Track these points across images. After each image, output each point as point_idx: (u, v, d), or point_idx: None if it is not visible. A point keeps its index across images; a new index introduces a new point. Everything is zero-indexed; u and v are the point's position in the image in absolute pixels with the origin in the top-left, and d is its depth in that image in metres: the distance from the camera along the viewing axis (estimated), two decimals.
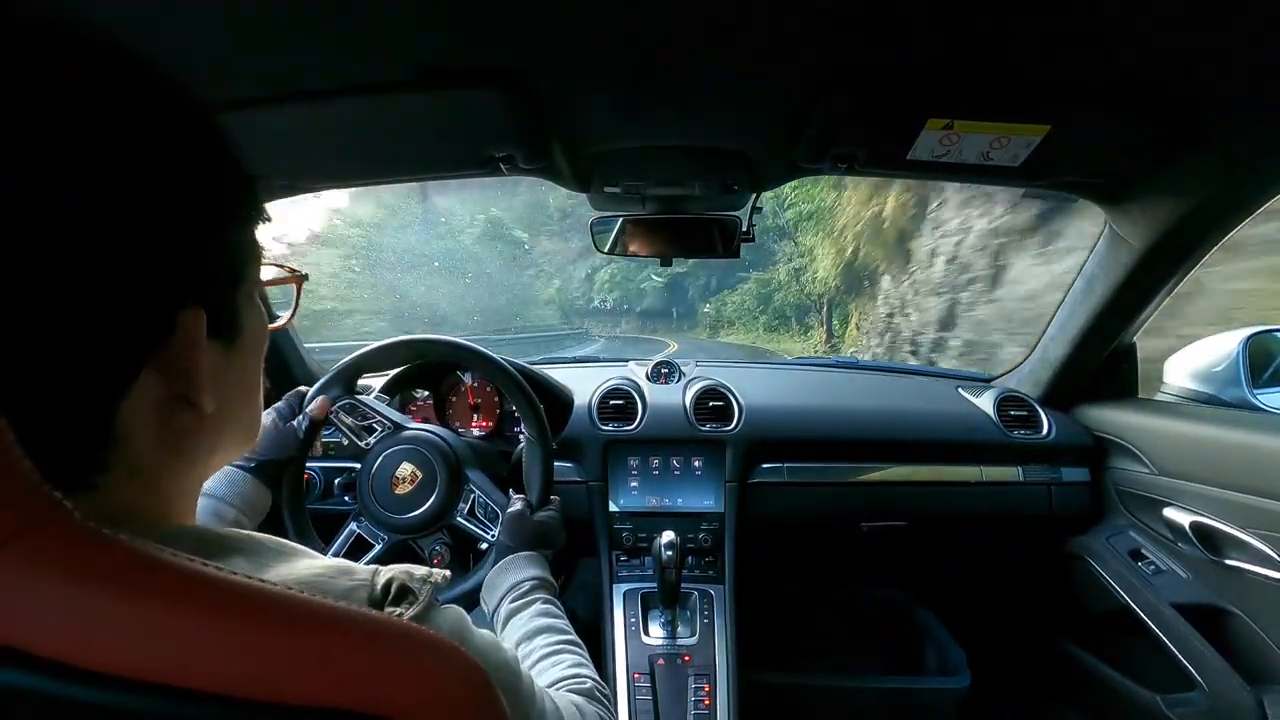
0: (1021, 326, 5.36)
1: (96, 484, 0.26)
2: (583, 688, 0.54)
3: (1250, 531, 0.95)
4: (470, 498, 0.89)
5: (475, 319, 15.93)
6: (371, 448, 0.91)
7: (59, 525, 0.20)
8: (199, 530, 0.31)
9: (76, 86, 0.24)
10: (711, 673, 1.04)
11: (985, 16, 0.60)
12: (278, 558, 0.31)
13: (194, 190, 0.28)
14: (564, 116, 0.82)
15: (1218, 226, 0.97)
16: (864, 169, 0.91)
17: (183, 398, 0.29)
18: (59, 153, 0.23)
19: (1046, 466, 1.26)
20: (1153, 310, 1.16)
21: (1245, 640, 1.00)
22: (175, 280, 0.27)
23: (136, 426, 0.27)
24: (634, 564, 1.21)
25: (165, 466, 0.30)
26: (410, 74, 0.71)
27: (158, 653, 0.21)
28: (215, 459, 0.34)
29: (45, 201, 0.22)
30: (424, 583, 0.33)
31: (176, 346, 0.28)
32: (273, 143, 0.87)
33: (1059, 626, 1.34)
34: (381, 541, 0.88)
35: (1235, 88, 0.70)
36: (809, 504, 1.26)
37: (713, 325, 25.36)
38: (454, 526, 0.88)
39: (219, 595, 0.23)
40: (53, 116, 0.23)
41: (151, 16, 0.58)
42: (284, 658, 0.23)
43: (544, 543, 0.80)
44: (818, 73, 0.71)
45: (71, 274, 0.23)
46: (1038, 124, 0.77)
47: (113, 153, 0.24)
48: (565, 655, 0.60)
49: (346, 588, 0.30)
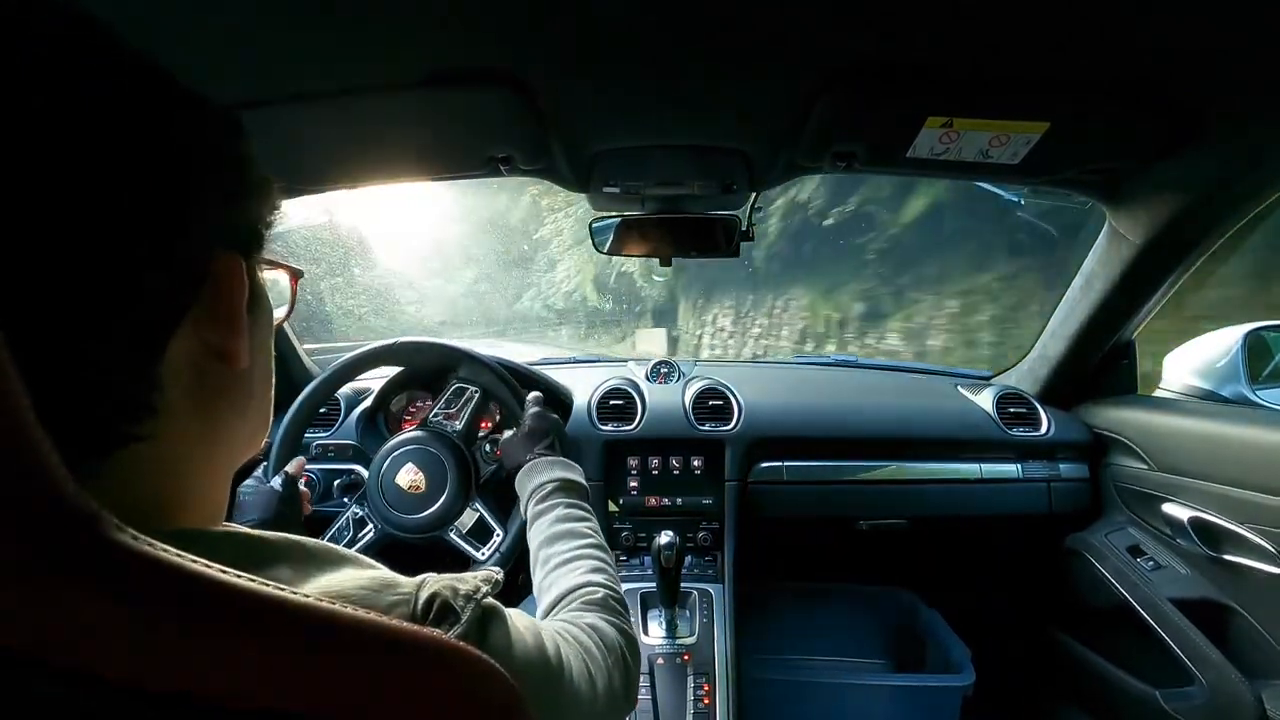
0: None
1: (145, 436, 0.26)
2: (595, 597, 0.53)
3: (1249, 527, 0.95)
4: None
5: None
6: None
7: (90, 535, 0.20)
8: (242, 535, 0.30)
9: (95, 71, 0.25)
10: (711, 672, 1.04)
11: (984, 14, 0.60)
12: (322, 566, 0.30)
13: (232, 139, 0.30)
14: (563, 117, 0.82)
15: (1217, 223, 0.97)
16: (864, 167, 0.91)
17: (216, 351, 0.29)
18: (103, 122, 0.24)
19: (1045, 463, 1.26)
20: (1152, 307, 1.16)
21: (1244, 635, 1.00)
22: (215, 223, 0.29)
23: (172, 381, 0.27)
24: (633, 564, 1.21)
25: (198, 436, 0.30)
26: (409, 75, 0.71)
27: (183, 668, 0.21)
28: (242, 433, 0.34)
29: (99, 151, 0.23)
30: (469, 600, 0.32)
31: (217, 290, 0.28)
32: (271, 144, 0.87)
33: (1058, 623, 1.34)
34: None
35: (1234, 85, 0.70)
36: (808, 502, 1.26)
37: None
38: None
39: (255, 612, 0.22)
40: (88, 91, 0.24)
41: (154, 17, 0.58)
42: (312, 678, 0.23)
43: (540, 437, 0.80)
44: (817, 72, 0.71)
45: (120, 213, 0.24)
46: (1037, 121, 0.77)
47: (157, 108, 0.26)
48: (581, 561, 0.59)
49: (389, 603, 0.29)
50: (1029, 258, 4.19)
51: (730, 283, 7.59)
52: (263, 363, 0.35)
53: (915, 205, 5.18)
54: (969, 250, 4.78)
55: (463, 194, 8.32)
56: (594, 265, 8.48)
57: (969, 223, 4.72)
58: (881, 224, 5.58)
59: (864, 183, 5.42)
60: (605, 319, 9.25)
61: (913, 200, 5.19)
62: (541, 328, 9.72)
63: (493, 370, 0.93)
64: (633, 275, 8.27)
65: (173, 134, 0.27)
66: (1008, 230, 4.32)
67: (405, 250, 8.37)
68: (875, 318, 5.68)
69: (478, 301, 10.22)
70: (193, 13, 0.58)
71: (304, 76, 0.71)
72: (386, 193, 4.01)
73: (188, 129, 0.28)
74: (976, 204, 4.46)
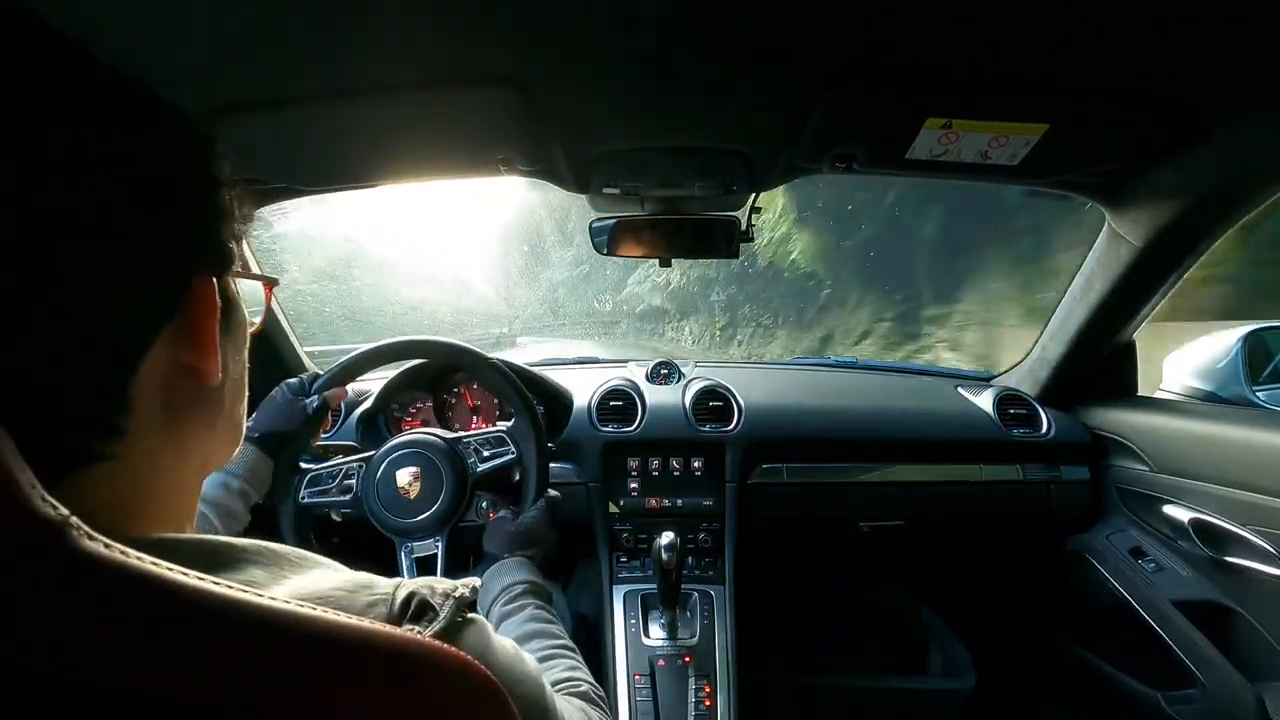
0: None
1: (115, 454, 0.26)
2: (578, 690, 0.54)
3: (1250, 528, 0.95)
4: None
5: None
6: (375, 453, 0.91)
7: (61, 545, 0.20)
8: (211, 541, 0.30)
9: (75, 81, 0.25)
10: (712, 673, 1.03)
11: (984, 15, 0.60)
12: (295, 569, 0.30)
13: (208, 160, 0.31)
14: (564, 118, 0.82)
15: (1217, 224, 0.97)
16: (863, 168, 0.91)
17: (188, 370, 0.29)
18: (79, 134, 0.24)
19: (1046, 465, 1.26)
20: (1152, 308, 1.16)
21: (1245, 637, 1.00)
22: (194, 243, 0.29)
23: (143, 399, 0.27)
24: (634, 565, 1.21)
25: (169, 449, 0.30)
26: (410, 76, 0.71)
27: (152, 672, 0.21)
28: (212, 445, 0.34)
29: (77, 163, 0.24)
30: (447, 598, 0.32)
31: (190, 309, 0.29)
32: (271, 145, 0.87)
33: (1060, 625, 1.34)
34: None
35: (1234, 86, 0.70)
36: (809, 504, 1.26)
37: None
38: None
39: (224, 614, 0.22)
40: (62, 104, 0.24)
41: (156, 19, 0.58)
42: (282, 679, 0.23)
43: (528, 544, 0.79)
44: (817, 73, 0.71)
45: (97, 234, 0.24)
46: (1036, 123, 0.77)
47: (136, 128, 0.26)
48: (560, 659, 0.59)
49: (365, 603, 0.29)
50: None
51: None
52: (236, 375, 0.35)
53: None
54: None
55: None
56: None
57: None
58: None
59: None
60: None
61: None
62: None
63: (540, 449, 0.89)
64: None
65: (145, 158, 0.27)
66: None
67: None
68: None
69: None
70: (194, 14, 0.59)
71: (305, 77, 0.71)
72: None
73: (161, 152, 0.28)
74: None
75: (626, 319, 10.22)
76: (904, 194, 6.11)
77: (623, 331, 9.96)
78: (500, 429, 0.93)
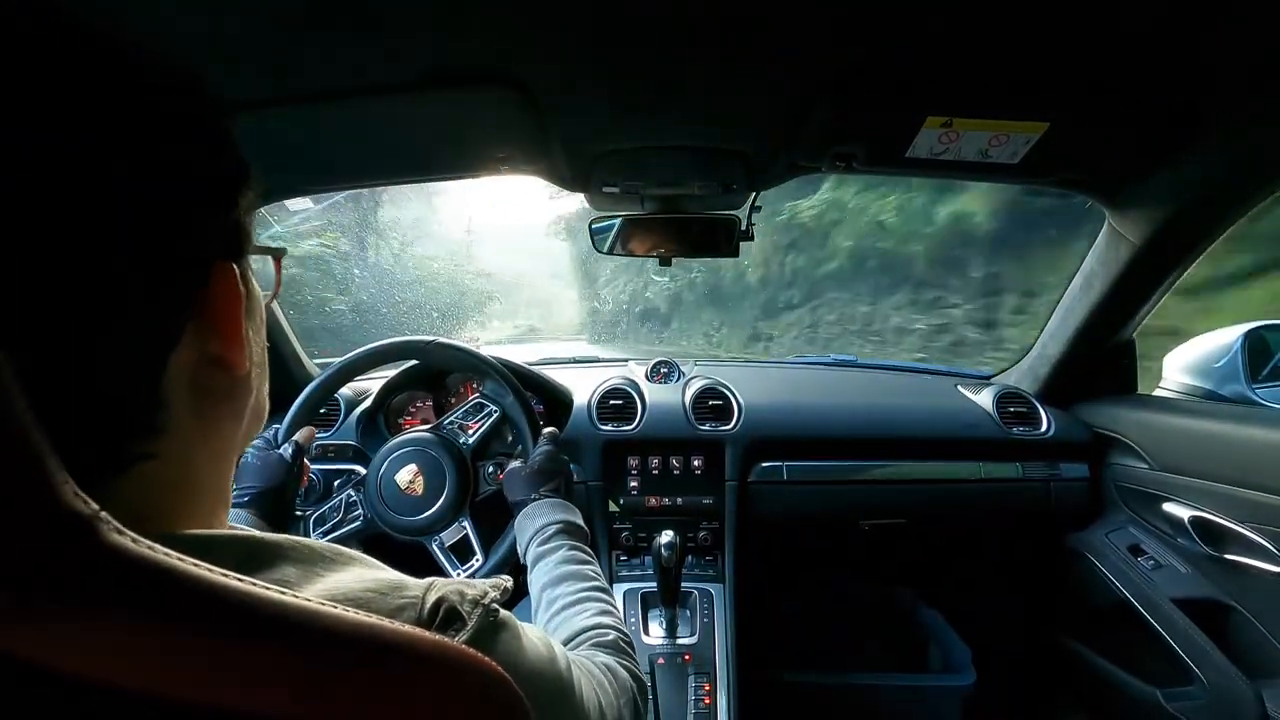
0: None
1: (156, 452, 0.26)
2: (606, 639, 0.54)
3: (1249, 526, 0.95)
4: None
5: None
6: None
7: (88, 540, 0.20)
8: (246, 537, 0.30)
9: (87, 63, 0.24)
10: (712, 672, 1.04)
11: (984, 15, 0.60)
12: (329, 566, 0.30)
13: (224, 145, 0.30)
14: (563, 117, 0.82)
15: (1217, 223, 0.97)
16: (863, 167, 0.91)
17: (215, 360, 0.29)
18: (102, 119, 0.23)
19: (1046, 463, 1.26)
20: (1151, 307, 1.16)
21: (1245, 634, 1.00)
22: (209, 233, 0.28)
23: (174, 394, 0.27)
24: (634, 564, 1.21)
25: (200, 442, 0.30)
26: (410, 76, 0.71)
27: (176, 672, 0.21)
28: (241, 433, 0.34)
29: (96, 158, 0.23)
30: (476, 605, 0.32)
31: (213, 300, 0.28)
32: (272, 145, 0.87)
33: (1059, 622, 1.34)
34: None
35: (1234, 85, 0.70)
36: (809, 502, 1.26)
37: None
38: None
39: (251, 615, 0.22)
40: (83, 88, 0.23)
41: (156, 18, 0.58)
42: (308, 682, 0.23)
43: (547, 479, 0.80)
44: (817, 72, 0.71)
45: (123, 230, 0.24)
46: (1036, 121, 0.77)
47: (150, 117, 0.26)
48: (589, 604, 0.59)
49: (395, 606, 0.29)
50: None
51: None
52: (258, 359, 0.35)
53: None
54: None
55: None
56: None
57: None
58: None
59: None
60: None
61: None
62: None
63: (519, 397, 0.91)
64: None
65: (167, 147, 0.26)
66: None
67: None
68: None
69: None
70: (194, 14, 0.59)
71: (305, 77, 0.71)
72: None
73: (180, 141, 0.27)
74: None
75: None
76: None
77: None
78: (474, 397, 0.94)
